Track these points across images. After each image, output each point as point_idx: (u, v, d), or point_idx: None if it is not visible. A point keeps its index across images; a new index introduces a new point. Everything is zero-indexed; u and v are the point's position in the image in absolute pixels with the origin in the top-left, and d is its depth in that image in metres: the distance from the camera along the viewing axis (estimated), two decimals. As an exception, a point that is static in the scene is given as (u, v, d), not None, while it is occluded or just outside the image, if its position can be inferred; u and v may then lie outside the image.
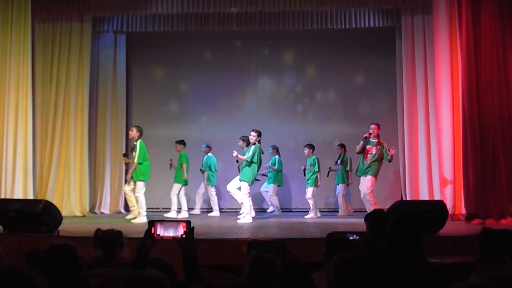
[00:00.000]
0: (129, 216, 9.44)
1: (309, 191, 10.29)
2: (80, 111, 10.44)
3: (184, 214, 10.09)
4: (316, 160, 10.38)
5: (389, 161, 9.23)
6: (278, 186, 10.78)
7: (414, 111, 10.09)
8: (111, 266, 3.58)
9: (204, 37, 12.06)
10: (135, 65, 12.34)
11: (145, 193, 9.09)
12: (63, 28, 10.43)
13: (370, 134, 9.19)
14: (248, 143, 9.50)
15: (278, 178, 10.75)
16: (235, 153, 9.29)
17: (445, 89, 9.30)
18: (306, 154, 10.50)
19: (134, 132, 9.12)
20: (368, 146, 9.16)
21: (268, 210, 10.98)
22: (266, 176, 10.80)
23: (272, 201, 10.78)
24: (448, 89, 9.27)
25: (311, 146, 10.56)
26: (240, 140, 9.87)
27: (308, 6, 10.14)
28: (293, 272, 3.74)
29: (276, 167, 10.62)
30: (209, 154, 10.92)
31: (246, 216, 9.00)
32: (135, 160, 8.95)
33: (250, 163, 9.03)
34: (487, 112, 8.81)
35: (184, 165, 10.13)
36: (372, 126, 9.23)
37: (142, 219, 8.89)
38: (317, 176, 10.35)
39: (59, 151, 10.26)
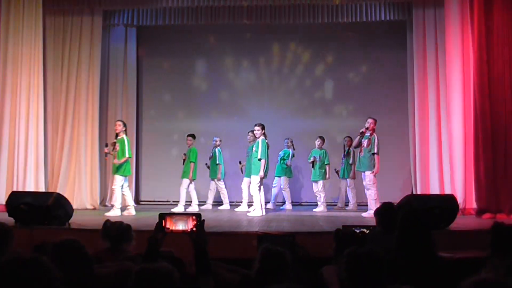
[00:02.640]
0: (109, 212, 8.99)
1: (319, 184, 10.29)
2: (91, 104, 10.50)
3: (194, 208, 10.11)
4: (325, 152, 10.40)
5: (373, 154, 8.83)
6: (289, 178, 10.81)
7: (425, 105, 10.03)
8: (119, 259, 3.58)
9: (214, 31, 12.05)
10: (145, 58, 12.37)
11: (124, 187, 9.09)
12: (74, 21, 10.48)
13: (367, 128, 8.95)
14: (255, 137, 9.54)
15: (288, 170, 10.76)
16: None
17: (456, 83, 9.24)
18: (317, 146, 10.49)
19: (121, 127, 9.11)
20: (363, 140, 8.97)
21: (282, 207, 10.85)
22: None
23: (284, 194, 10.80)
24: (459, 83, 9.21)
25: (323, 138, 10.57)
26: (250, 133, 9.93)
27: (319, 0, 10.10)
28: (303, 266, 3.74)
29: (288, 160, 10.66)
30: (219, 147, 10.89)
31: (256, 209, 9.01)
32: (126, 155, 8.92)
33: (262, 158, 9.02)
34: (499, 106, 8.73)
35: (192, 164, 10.05)
36: (369, 120, 8.96)
37: (116, 212, 8.87)
38: (325, 169, 10.35)
39: (70, 144, 10.34)
